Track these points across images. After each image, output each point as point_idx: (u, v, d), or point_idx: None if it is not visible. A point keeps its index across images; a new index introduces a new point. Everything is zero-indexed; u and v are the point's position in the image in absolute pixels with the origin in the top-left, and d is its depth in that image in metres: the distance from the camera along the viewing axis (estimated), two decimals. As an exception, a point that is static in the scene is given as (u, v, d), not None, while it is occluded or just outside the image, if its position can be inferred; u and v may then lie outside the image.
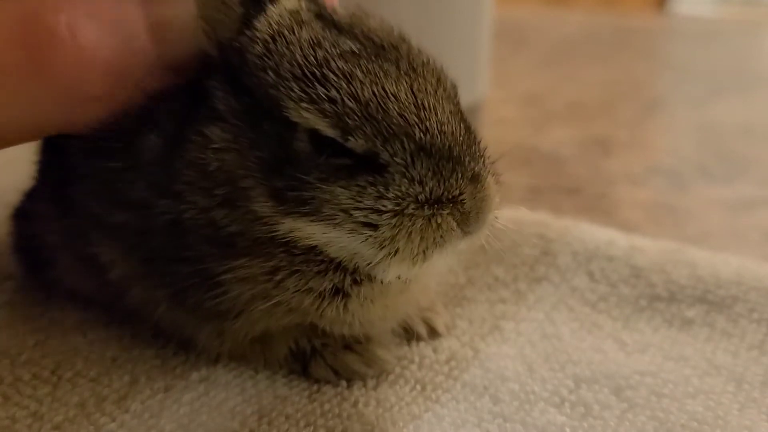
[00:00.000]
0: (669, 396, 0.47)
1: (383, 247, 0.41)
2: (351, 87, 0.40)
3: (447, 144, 0.41)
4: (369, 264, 0.42)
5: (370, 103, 0.40)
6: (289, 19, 0.44)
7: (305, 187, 0.41)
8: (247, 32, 0.43)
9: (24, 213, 0.58)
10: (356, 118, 0.40)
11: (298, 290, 0.44)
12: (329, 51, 0.42)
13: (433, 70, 0.44)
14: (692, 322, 0.55)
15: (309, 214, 0.41)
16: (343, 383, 0.49)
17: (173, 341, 0.50)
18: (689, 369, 0.50)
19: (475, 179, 0.41)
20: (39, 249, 0.56)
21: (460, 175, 0.41)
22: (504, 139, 1.03)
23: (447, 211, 0.41)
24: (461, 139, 0.42)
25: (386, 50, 0.43)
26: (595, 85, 1.40)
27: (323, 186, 0.40)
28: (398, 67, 0.43)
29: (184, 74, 0.45)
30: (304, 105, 0.40)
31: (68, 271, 0.55)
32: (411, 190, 0.40)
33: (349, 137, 0.40)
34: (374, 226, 0.41)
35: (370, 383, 0.49)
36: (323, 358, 0.49)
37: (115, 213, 0.46)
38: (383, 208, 0.40)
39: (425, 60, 0.45)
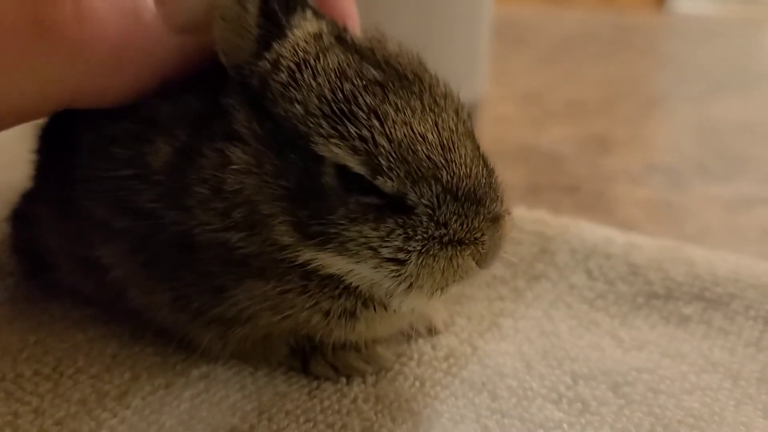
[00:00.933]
0: (666, 392, 0.48)
1: (405, 282, 0.42)
2: (384, 127, 0.41)
3: (472, 187, 0.42)
4: (388, 295, 0.43)
5: (402, 144, 0.41)
6: (314, 45, 0.44)
7: (331, 223, 0.41)
8: (267, 56, 0.43)
9: (22, 215, 0.58)
10: (389, 159, 0.40)
11: (308, 308, 0.44)
12: (355, 82, 0.42)
13: (452, 102, 0.45)
14: (689, 319, 0.55)
15: (332, 248, 0.42)
16: (343, 380, 0.49)
17: (174, 340, 0.51)
18: (686, 366, 0.50)
19: (495, 220, 0.43)
20: (38, 251, 0.56)
21: (482, 218, 0.42)
22: (503, 137, 1.04)
23: (468, 252, 0.42)
24: (484, 180, 0.43)
25: (410, 81, 0.44)
26: (595, 83, 1.40)
27: (351, 225, 0.41)
28: (422, 102, 0.43)
29: (198, 36, 0.44)
30: (334, 141, 0.40)
31: (68, 273, 0.55)
32: (437, 232, 0.41)
33: (378, 176, 0.40)
34: (400, 262, 0.41)
35: (370, 380, 0.49)
36: (323, 355, 0.49)
37: (119, 218, 0.46)
38: (410, 249, 0.41)
39: (445, 91, 0.45)
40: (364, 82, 0.42)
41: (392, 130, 0.41)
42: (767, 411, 0.46)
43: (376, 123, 0.41)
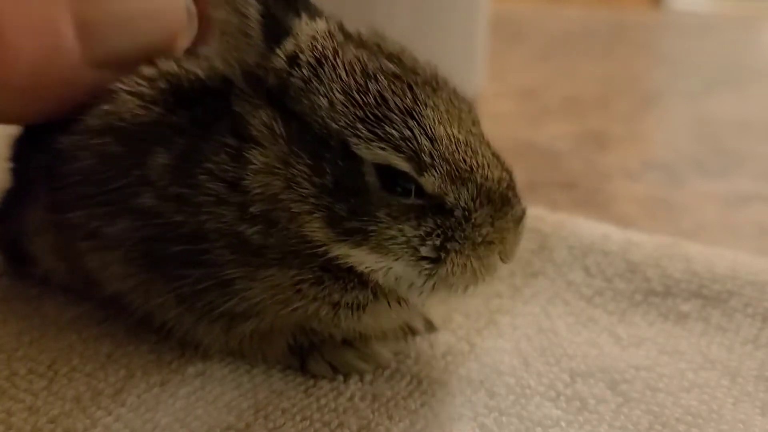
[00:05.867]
0: (664, 390, 0.48)
1: (439, 280, 0.43)
2: (422, 125, 0.42)
3: (502, 190, 0.44)
4: (418, 291, 0.44)
5: (443, 142, 0.42)
6: (330, 41, 0.44)
7: (372, 221, 0.42)
8: (280, 53, 0.43)
9: (7, 215, 0.57)
10: (432, 156, 0.42)
11: (318, 300, 0.45)
12: (380, 78, 0.43)
13: (463, 99, 0.46)
14: (687, 316, 0.55)
15: (369, 245, 0.42)
16: (340, 378, 0.49)
17: (173, 338, 0.50)
18: (684, 363, 0.50)
19: (519, 219, 0.45)
20: (20, 246, 0.56)
21: (509, 218, 0.44)
22: (500, 134, 1.03)
23: (496, 251, 0.44)
24: (511, 182, 0.45)
25: (425, 78, 0.45)
26: (591, 79, 1.40)
27: (393, 223, 0.42)
28: (443, 100, 0.44)
29: (116, 71, 0.48)
30: (375, 144, 0.41)
31: (46, 263, 0.55)
32: (472, 234, 0.43)
33: (424, 173, 0.42)
34: (435, 261, 0.43)
35: (367, 378, 0.49)
36: (321, 353, 0.49)
37: (114, 223, 0.46)
38: (449, 248, 0.43)
39: (454, 89, 0.46)
40: (387, 78, 0.43)
41: (432, 129, 0.42)
42: (765, 408, 0.46)
43: (413, 123, 0.42)
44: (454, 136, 0.43)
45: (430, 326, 0.54)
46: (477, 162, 0.43)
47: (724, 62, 1.58)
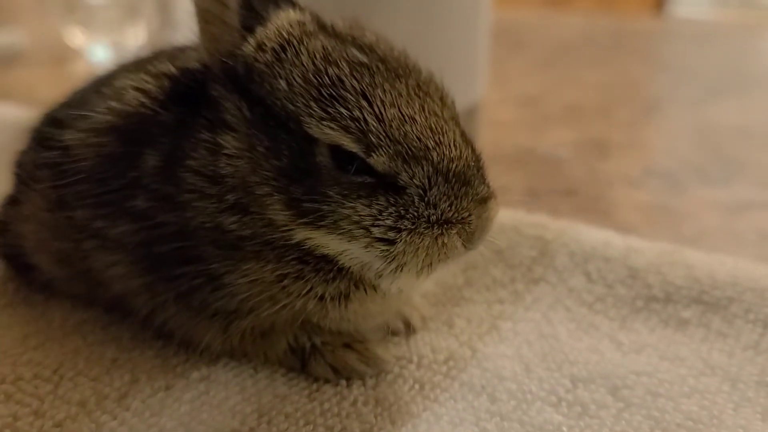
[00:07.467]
0: (665, 395, 0.48)
1: (394, 261, 0.43)
2: (372, 107, 0.42)
3: (461, 168, 0.43)
4: (378, 275, 0.44)
5: (392, 124, 0.42)
6: (298, 29, 0.45)
7: (325, 201, 0.42)
8: (250, 40, 0.44)
9: (5, 220, 0.58)
10: (380, 137, 0.42)
11: (303, 296, 0.45)
12: (341, 64, 0.43)
13: (436, 87, 0.46)
14: (688, 322, 0.56)
15: (326, 226, 0.43)
16: (343, 382, 0.49)
17: (175, 341, 0.51)
18: (685, 369, 0.51)
19: (483, 201, 0.44)
20: (21, 253, 0.56)
21: (470, 199, 0.43)
22: (501, 141, 1.04)
23: (454, 231, 0.43)
24: (472, 162, 0.44)
25: (393, 65, 0.45)
26: (593, 87, 1.41)
27: (344, 202, 0.42)
28: (407, 85, 0.44)
29: None
30: (326, 123, 0.42)
31: (46, 267, 0.56)
32: (426, 212, 0.43)
33: (372, 154, 0.42)
34: (390, 242, 0.43)
35: (369, 382, 0.49)
36: (322, 355, 0.49)
37: (116, 225, 0.47)
38: (401, 227, 0.42)
39: (428, 77, 0.47)
40: (350, 64, 0.43)
41: (381, 110, 0.42)
42: (766, 414, 0.46)
43: (365, 103, 0.42)
44: (409, 117, 0.43)
45: (409, 327, 0.54)
46: (435, 141, 0.43)
47: (726, 70, 1.58)
